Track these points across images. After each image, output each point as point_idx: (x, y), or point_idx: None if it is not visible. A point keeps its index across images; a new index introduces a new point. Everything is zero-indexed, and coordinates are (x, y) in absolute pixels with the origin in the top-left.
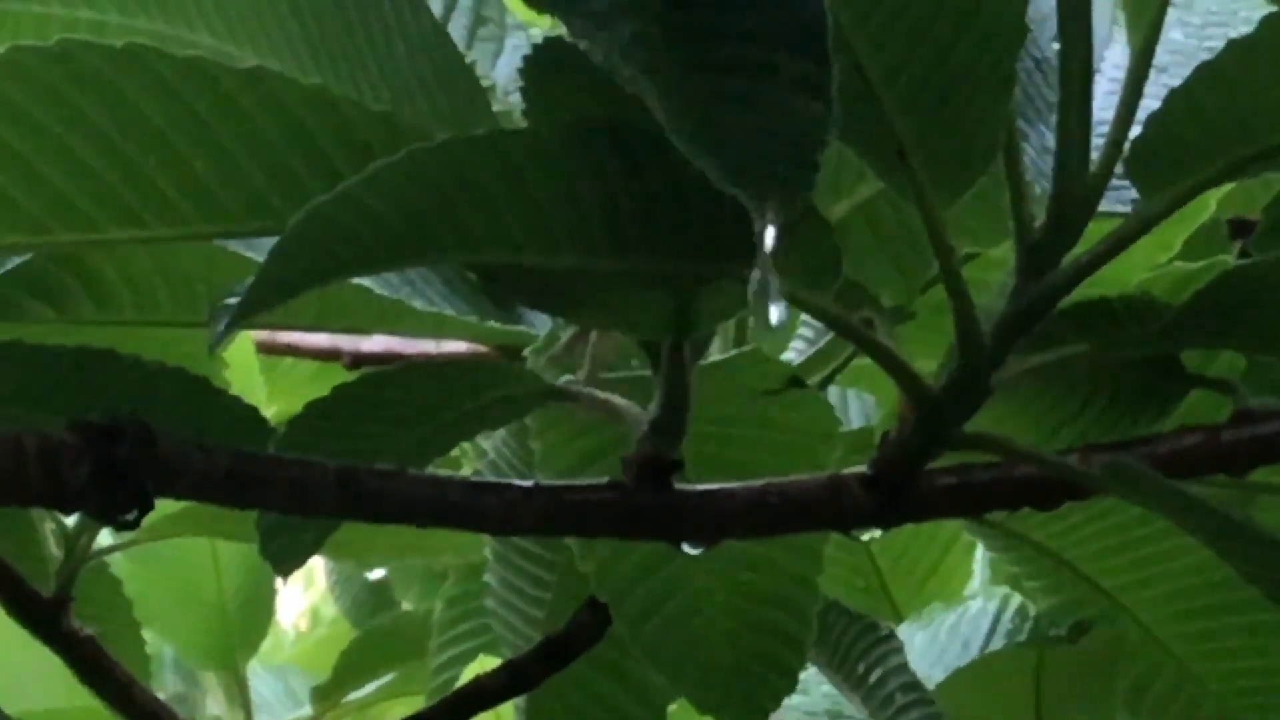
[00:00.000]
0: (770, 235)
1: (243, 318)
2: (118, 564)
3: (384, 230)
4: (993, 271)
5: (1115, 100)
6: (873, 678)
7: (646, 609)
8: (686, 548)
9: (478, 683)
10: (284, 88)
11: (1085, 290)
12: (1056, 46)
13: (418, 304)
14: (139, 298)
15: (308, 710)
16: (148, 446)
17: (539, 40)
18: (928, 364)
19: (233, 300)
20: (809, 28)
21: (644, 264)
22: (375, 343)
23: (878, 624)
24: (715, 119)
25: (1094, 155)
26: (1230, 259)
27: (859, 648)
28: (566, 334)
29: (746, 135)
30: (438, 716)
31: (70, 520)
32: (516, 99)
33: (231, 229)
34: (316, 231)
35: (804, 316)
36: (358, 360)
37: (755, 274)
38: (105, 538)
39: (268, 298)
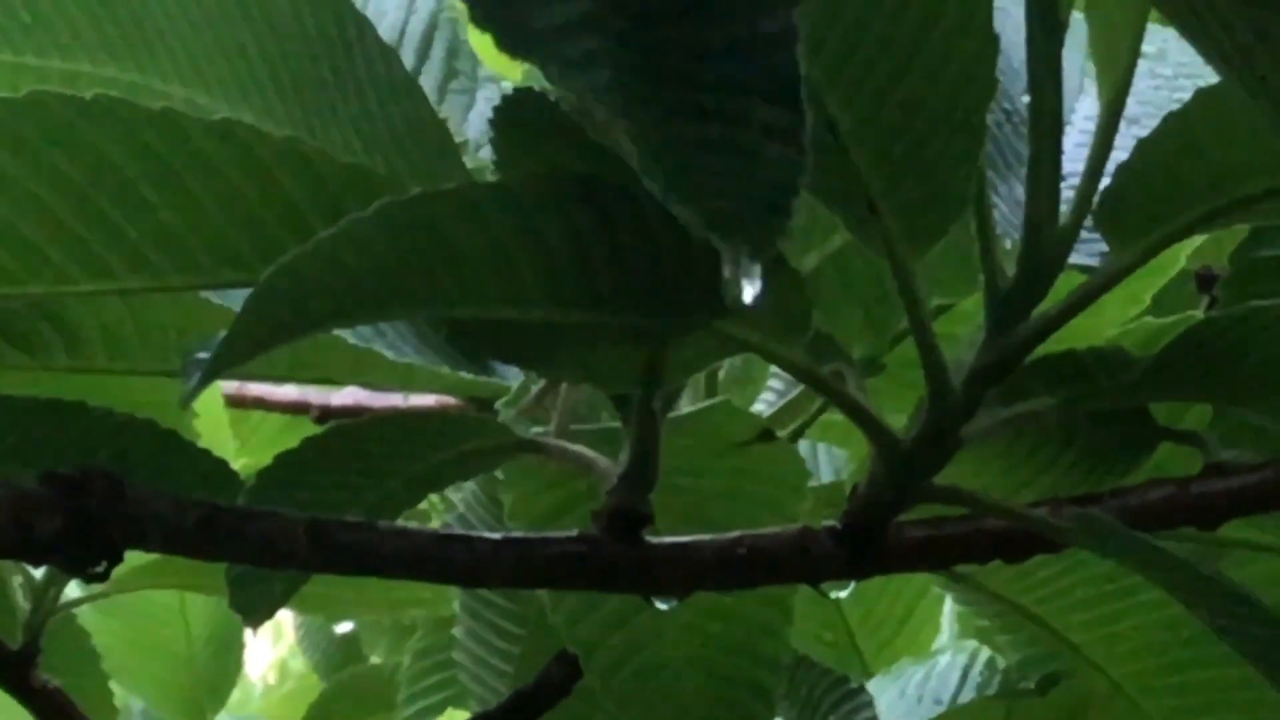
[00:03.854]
0: (743, 283)
1: (216, 372)
2: (86, 616)
3: (356, 284)
4: (963, 324)
5: (1085, 152)
6: None
7: (617, 660)
8: (657, 603)
9: None
10: (255, 140)
11: (1055, 343)
12: (1027, 99)
13: (389, 355)
14: (111, 345)
15: None
16: (117, 499)
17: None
18: (898, 417)
19: (205, 354)
20: (782, 76)
21: (615, 317)
22: (344, 396)
23: (847, 678)
24: (689, 165)
25: (1064, 208)
26: (1199, 313)
27: (828, 702)
28: (536, 386)
29: (720, 182)
30: None
31: (38, 572)
32: (488, 152)
33: (202, 281)
34: (289, 285)
35: (774, 369)
36: (326, 414)
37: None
38: (73, 590)
39: (241, 352)
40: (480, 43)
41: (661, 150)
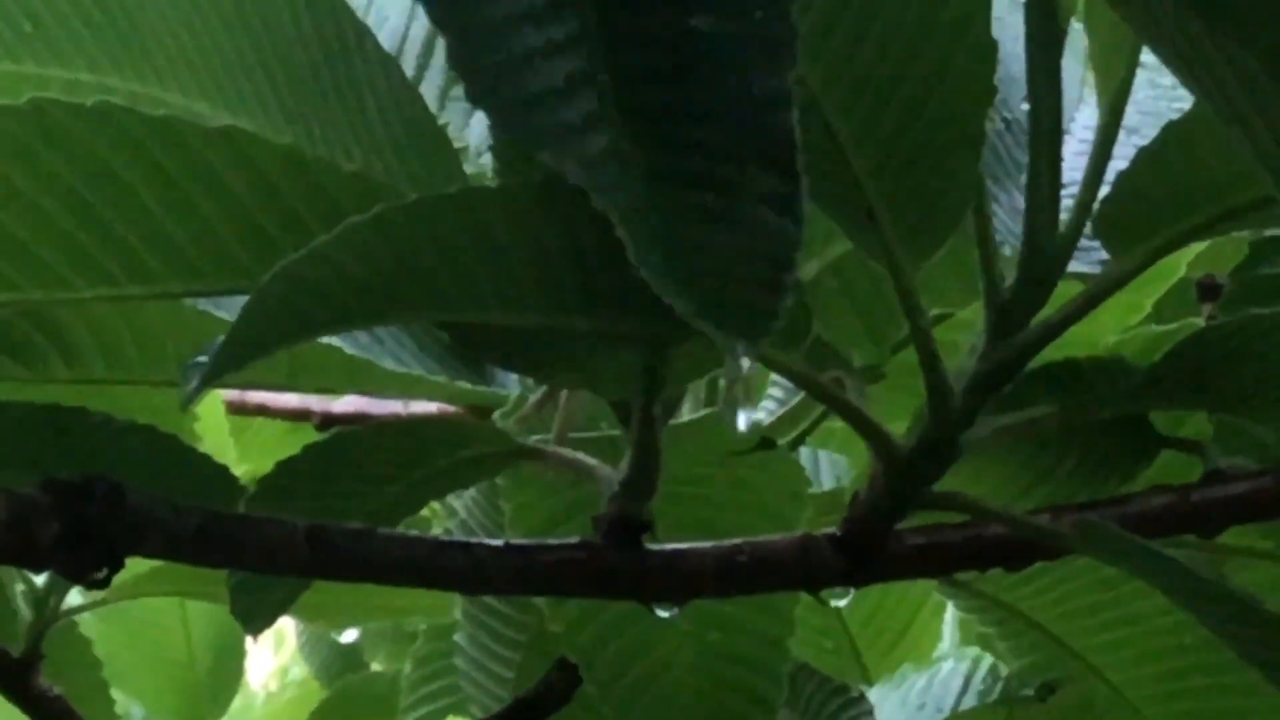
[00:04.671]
0: (740, 365)
1: (215, 376)
2: (87, 623)
3: (354, 288)
4: (963, 332)
5: (1085, 161)
6: None
7: (616, 669)
8: (658, 611)
9: None
10: (255, 147)
11: (1055, 351)
12: (1026, 107)
13: (388, 364)
14: (109, 356)
15: None
16: (118, 505)
17: None
18: (898, 424)
19: (204, 358)
20: (777, 139)
21: (614, 324)
22: (345, 403)
23: (848, 686)
24: (682, 239)
25: (1064, 216)
26: (1199, 320)
27: (829, 710)
28: (536, 394)
29: (714, 260)
30: None
31: (40, 579)
32: (489, 160)
33: (202, 287)
34: (287, 290)
35: (774, 376)
36: (328, 421)
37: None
38: (75, 597)
39: (239, 356)
40: None
41: (654, 224)
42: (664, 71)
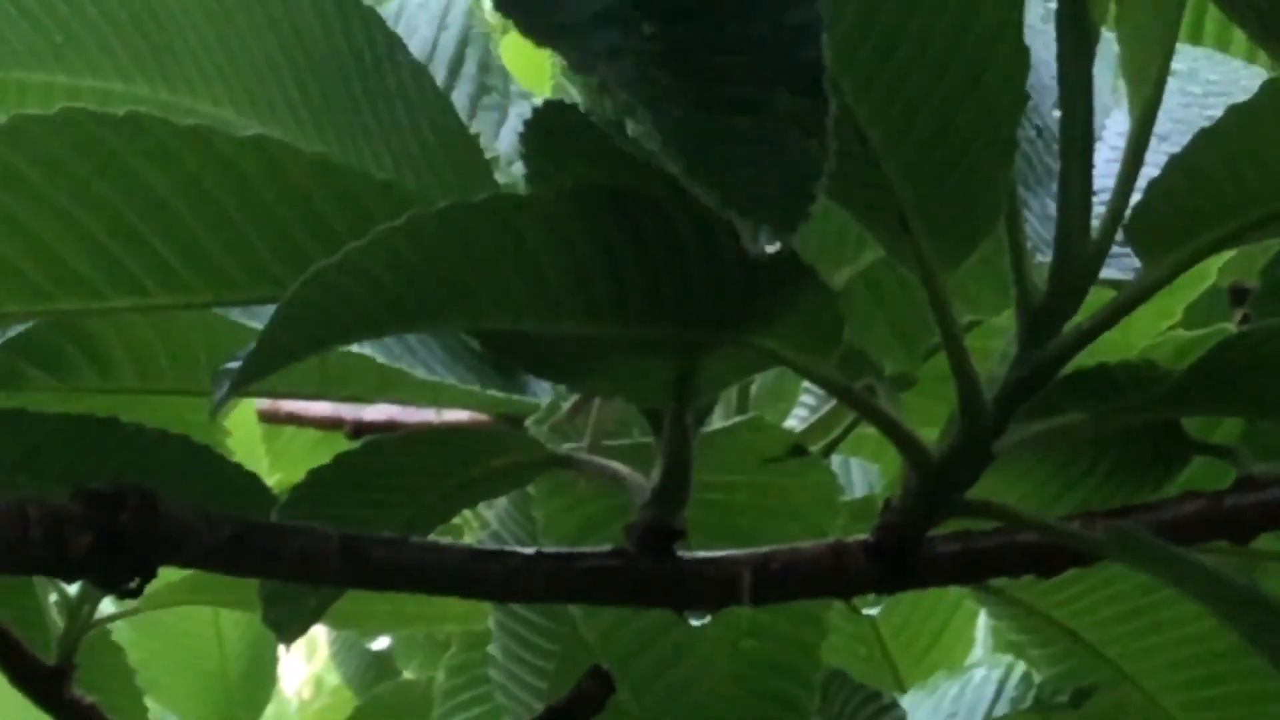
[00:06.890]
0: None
1: (244, 382)
2: (120, 632)
3: (385, 295)
4: (995, 339)
5: (1117, 168)
6: None
7: (650, 676)
8: (690, 619)
9: None
10: (286, 155)
11: (1087, 358)
12: (1058, 114)
13: (419, 373)
14: (141, 366)
15: None
16: (150, 515)
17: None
18: (930, 432)
19: (234, 365)
20: (806, 67)
21: (646, 331)
22: (377, 411)
23: (880, 693)
24: (714, 153)
25: (1095, 223)
26: (1232, 326)
27: (861, 717)
28: (568, 402)
29: (743, 167)
30: None
31: (73, 588)
32: (520, 168)
33: (234, 296)
34: (317, 296)
35: (805, 384)
36: (360, 429)
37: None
38: (108, 606)
39: (269, 363)
40: (512, 59)
41: (685, 140)
42: (695, 6)
